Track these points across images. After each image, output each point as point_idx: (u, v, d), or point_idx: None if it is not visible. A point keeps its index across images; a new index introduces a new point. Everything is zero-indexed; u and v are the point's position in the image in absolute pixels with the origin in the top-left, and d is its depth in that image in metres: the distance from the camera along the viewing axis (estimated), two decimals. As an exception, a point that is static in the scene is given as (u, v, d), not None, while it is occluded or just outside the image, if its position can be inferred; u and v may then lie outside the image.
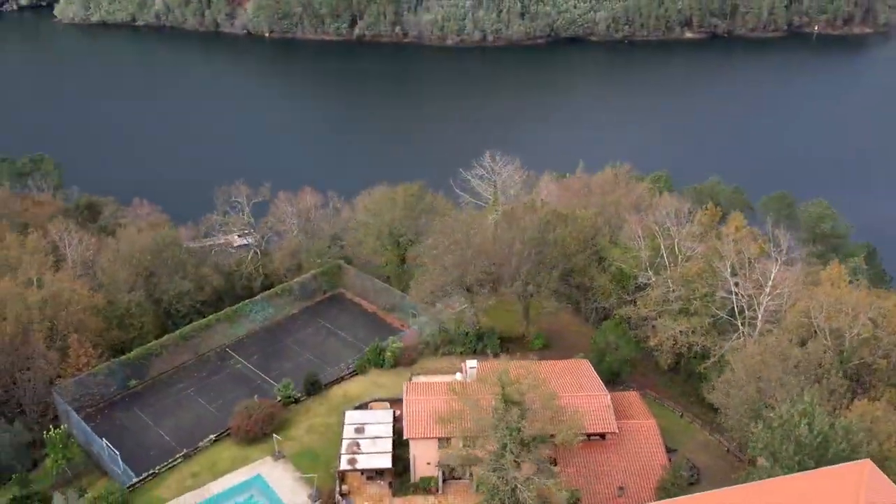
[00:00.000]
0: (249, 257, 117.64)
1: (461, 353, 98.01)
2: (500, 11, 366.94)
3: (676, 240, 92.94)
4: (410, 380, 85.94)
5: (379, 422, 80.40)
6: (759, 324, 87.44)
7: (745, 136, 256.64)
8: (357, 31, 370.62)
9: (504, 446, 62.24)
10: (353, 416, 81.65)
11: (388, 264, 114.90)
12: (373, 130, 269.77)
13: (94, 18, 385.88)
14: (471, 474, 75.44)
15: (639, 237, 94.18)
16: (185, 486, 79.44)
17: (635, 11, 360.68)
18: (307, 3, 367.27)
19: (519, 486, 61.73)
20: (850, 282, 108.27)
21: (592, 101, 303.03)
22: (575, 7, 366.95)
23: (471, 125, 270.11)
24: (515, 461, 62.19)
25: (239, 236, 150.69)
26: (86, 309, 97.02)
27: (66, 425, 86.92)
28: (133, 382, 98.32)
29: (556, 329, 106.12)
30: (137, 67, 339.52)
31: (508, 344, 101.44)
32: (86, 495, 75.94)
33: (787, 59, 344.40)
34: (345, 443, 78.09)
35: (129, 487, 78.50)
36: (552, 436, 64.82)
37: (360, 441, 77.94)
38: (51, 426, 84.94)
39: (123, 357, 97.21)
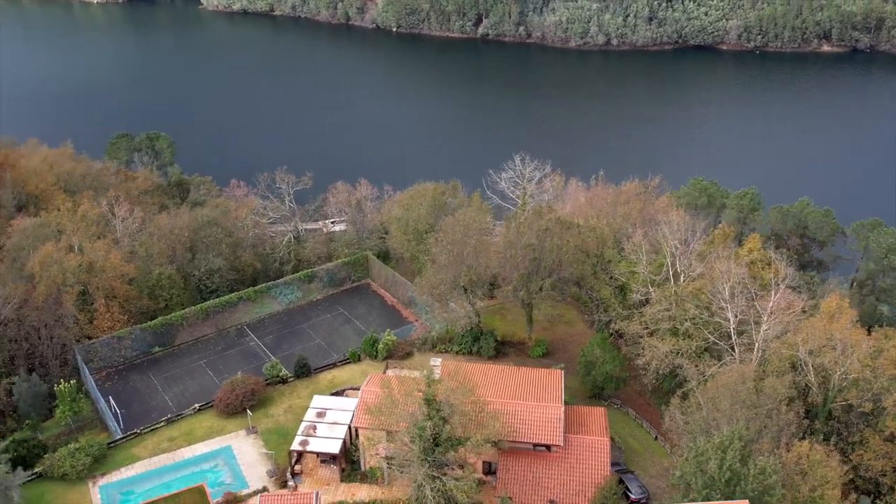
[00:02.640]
0: (284, 242, 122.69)
1: (457, 352, 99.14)
2: (627, 16, 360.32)
3: (678, 257, 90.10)
4: (385, 371, 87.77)
5: (341, 409, 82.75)
6: (755, 352, 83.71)
7: (864, 157, 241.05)
8: (481, 29, 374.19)
9: (412, 442, 63.28)
10: (318, 401, 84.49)
11: (414, 258, 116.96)
12: (478, 128, 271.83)
13: (236, 7, 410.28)
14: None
15: (641, 252, 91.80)
16: (161, 448, 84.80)
17: (770, 21, 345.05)
18: (434, 0, 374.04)
19: (423, 482, 62.63)
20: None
21: (709, 111, 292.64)
22: (706, 14, 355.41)
23: (578, 128, 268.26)
24: (422, 459, 63.07)
25: (332, 223, 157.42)
26: (117, 277, 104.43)
27: (76, 381, 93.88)
28: (156, 349, 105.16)
29: (564, 338, 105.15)
30: (270, 55, 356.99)
31: (508, 348, 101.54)
32: (68, 445, 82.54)
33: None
34: (303, 425, 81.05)
35: (109, 444, 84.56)
36: (468, 439, 65.11)
37: (318, 425, 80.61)
38: (62, 380, 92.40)
39: (144, 325, 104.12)
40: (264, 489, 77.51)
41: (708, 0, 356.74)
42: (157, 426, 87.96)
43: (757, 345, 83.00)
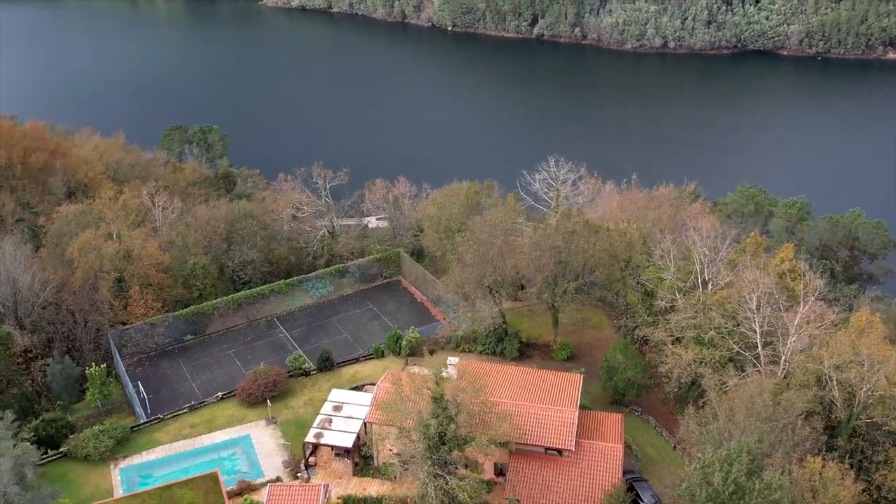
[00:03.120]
0: (318, 237, 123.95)
1: (481, 352, 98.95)
2: (686, 19, 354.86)
3: (706, 265, 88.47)
4: (404, 368, 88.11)
5: (358, 403, 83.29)
6: (781, 364, 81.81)
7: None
8: (537, 30, 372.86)
9: (419, 439, 63.47)
10: (336, 395, 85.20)
11: (444, 257, 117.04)
12: (532, 128, 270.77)
13: (295, 3, 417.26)
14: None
15: (669, 258, 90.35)
16: (182, 434, 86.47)
17: (833, 27, 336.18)
18: (490, 0, 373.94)
19: (427, 480, 62.75)
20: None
21: (766, 117, 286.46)
22: (767, 18, 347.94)
23: (632, 131, 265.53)
24: (426, 456, 63.17)
25: (377, 219, 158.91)
26: (153, 265, 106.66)
27: (106, 365, 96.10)
28: (188, 337, 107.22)
29: (590, 342, 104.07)
30: (327, 51, 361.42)
31: (533, 350, 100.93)
32: (93, 427, 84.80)
33: None
34: (319, 417, 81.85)
35: (132, 427, 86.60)
36: (473, 439, 64.98)
37: (333, 418, 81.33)
38: (92, 363, 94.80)
39: (177, 313, 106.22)
40: (278, 479, 78.50)
41: (769, 4, 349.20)
42: (179, 412, 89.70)
43: (783, 357, 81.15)
